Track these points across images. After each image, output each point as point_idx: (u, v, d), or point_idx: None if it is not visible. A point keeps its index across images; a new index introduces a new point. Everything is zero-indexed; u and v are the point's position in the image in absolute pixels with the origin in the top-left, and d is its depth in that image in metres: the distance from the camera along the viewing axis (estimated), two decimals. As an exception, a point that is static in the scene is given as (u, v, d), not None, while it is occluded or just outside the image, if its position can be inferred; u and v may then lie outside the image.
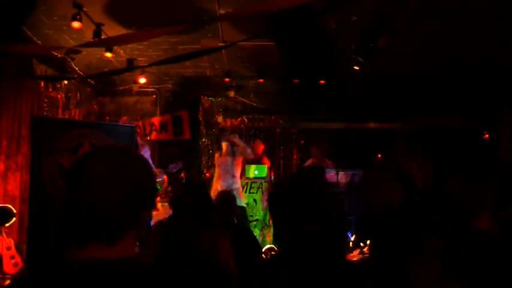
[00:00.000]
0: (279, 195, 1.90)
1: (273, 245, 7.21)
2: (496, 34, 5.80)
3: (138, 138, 6.99)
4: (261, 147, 8.40)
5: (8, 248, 5.32)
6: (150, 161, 6.93)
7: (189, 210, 3.25)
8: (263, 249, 6.86)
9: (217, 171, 7.38)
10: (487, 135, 9.29)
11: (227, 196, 4.74)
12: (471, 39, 6.00)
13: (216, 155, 7.65)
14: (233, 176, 7.25)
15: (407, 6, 4.80)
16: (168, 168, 7.43)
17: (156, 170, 7.00)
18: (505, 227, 2.00)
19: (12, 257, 5.30)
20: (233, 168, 7.28)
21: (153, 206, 1.43)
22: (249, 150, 7.44)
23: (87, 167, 1.29)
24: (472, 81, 7.74)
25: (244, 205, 7.27)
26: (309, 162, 8.95)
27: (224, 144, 7.37)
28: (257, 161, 8.15)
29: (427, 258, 2.00)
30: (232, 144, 7.33)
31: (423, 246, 2.17)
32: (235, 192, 6.48)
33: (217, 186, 7.04)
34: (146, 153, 6.95)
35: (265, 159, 8.34)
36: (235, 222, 4.99)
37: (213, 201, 4.32)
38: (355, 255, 6.27)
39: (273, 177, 8.09)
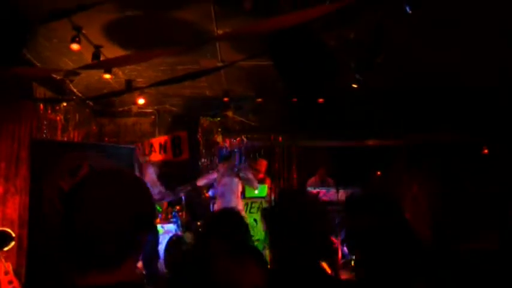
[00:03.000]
0: (274, 215, 1.89)
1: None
2: (498, 48, 5.83)
3: (141, 158, 6.97)
4: (263, 165, 8.39)
5: (6, 273, 5.26)
6: (156, 180, 6.91)
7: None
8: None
9: (219, 190, 7.34)
10: (486, 150, 9.30)
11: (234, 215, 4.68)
12: (471, 54, 6.03)
13: (216, 171, 7.62)
14: (237, 197, 7.25)
15: (406, 20, 4.83)
16: (176, 191, 7.40)
17: (164, 192, 6.96)
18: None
19: (10, 282, 5.24)
20: (237, 188, 7.29)
21: (152, 229, 1.43)
22: (256, 184, 7.49)
23: (85, 192, 1.28)
24: (471, 96, 7.76)
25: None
26: (311, 180, 8.95)
27: (222, 166, 7.38)
28: (260, 181, 8.15)
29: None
30: (232, 167, 7.33)
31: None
32: (242, 213, 6.47)
33: (221, 206, 7.03)
34: (151, 172, 6.92)
35: (267, 179, 8.33)
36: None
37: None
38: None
39: (273, 196, 8.05)
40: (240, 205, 7.25)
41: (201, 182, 7.67)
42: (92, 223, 1.23)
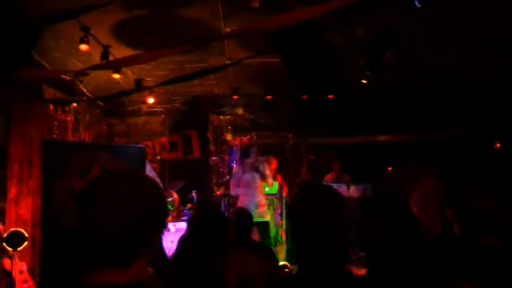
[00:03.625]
0: (300, 209, 1.86)
1: (286, 262, 7.15)
2: (506, 43, 5.78)
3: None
4: (273, 164, 8.41)
5: (21, 272, 5.30)
6: (155, 177, 6.95)
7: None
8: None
9: (241, 190, 7.37)
10: (498, 145, 9.23)
11: (243, 213, 4.73)
12: (481, 49, 5.98)
13: (239, 168, 7.63)
14: (260, 192, 7.31)
15: (414, 16, 4.80)
16: (171, 185, 7.44)
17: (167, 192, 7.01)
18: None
19: (25, 281, 5.27)
20: (258, 183, 7.34)
21: (164, 227, 1.43)
22: (271, 180, 7.52)
23: (97, 192, 1.29)
24: (482, 91, 7.70)
25: (268, 220, 7.34)
26: (328, 176, 8.93)
27: (249, 163, 7.43)
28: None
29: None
30: (256, 166, 7.39)
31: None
32: (265, 208, 6.54)
33: (245, 202, 7.11)
34: (149, 170, 6.96)
35: (278, 177, 8.33)
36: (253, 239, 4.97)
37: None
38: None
39: (284, 193, 8.05)
40: (263, 200, 7.32)
41: (235, 191, 7.62)
42: (104, 222, 1.24)
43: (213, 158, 9.48)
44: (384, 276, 2.12)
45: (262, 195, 7.43)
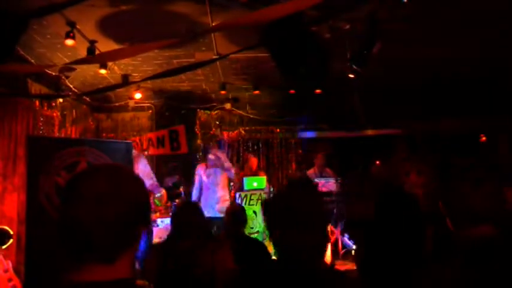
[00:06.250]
0: (272, 205, 1.87)
1: (275, 257, 7.15)
2: (496, 37, 5.82)
3: (134, 151, 6.98)
4: (254, 162, 8.45)
5: (6, 270, 5.25)
6: (149, 172, 6.94)
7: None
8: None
9: (205, 183, 7.47)
10: (484, 138, 9.31)
11: (237, 209, 4.80)
12: (469, 43, 6.01)
13: (201, 166, 7.70)
14: (222, 187, 7.40)
15: (402, 10, 4.80)
16: (164, 182, 7.44)
17: (155, 184, 6.99)
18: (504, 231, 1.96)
19: (9, 280, 5.22)
20: (220, 179, 7.44)
21: (148, 223, 1.42)
22: (232, 172, 7.62)
23: (81, 186, 1.28)
24: (470, 85, 7.75)
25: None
26: (310, 171, 8.95)
27: (212, 156, 7.52)
28: (253, 174, 8.20)
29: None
30: (216, 163, 7.50)
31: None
32: (227, 203, 6.62)
33: (207, 197, 7.23)
34: (144, 165, 6.94)
35: (261, 173, 8.36)
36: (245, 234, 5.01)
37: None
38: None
39: (272, 188, 8.06)
40: (227, 195, 7.43)
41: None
42: (88, 216, 1.22)
43: (201, 154, 9.46)
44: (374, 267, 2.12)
45: (226, 191, 7.57)
